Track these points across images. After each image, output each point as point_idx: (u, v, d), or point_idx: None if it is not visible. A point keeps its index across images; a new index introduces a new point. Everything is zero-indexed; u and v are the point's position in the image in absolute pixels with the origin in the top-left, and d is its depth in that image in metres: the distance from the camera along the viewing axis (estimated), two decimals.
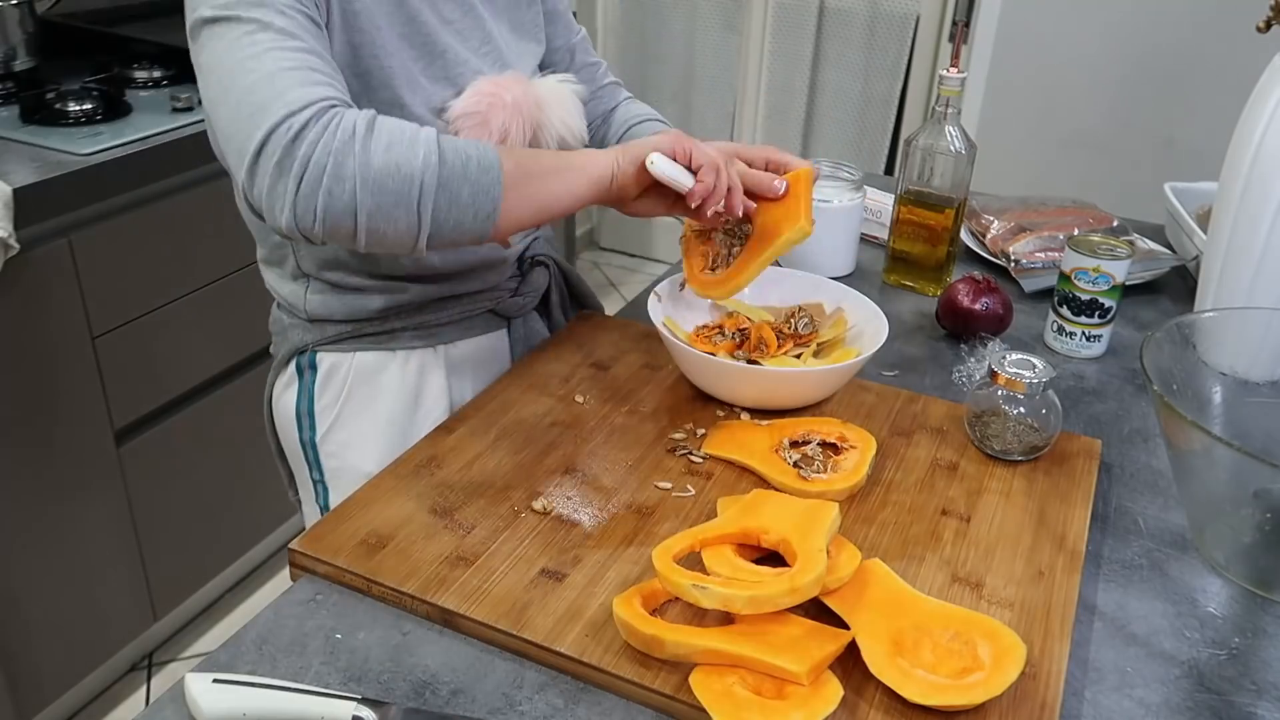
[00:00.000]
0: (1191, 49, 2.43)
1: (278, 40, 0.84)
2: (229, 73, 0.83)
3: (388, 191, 0.82)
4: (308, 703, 0.68)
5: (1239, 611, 0.84)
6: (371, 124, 0.83)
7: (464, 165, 0.85)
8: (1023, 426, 0.96)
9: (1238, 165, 1.07)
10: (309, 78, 0.83)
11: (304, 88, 0.82)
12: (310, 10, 0.89)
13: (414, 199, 0.83)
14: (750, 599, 0.72)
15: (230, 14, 0.85)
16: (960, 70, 1.26)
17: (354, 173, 0.81)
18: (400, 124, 0.85)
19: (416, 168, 0.83)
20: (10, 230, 1.45)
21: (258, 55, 0.82)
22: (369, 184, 0.81)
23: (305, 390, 1.13)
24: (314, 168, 0.80)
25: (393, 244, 0.86)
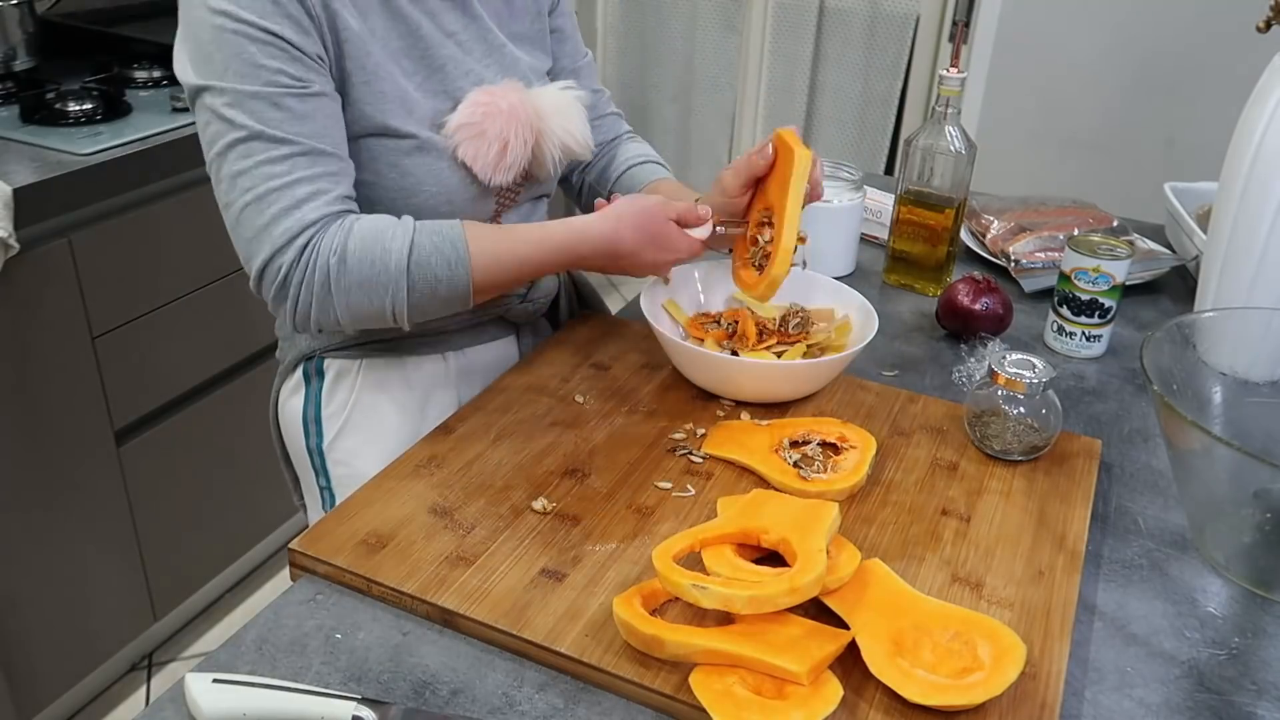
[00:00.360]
0: (1192, 49, 2.43)
1: (267, 149, 0.90)
2: (225, 185, 0.92)
3: (365, 319, 0.96)
4: (308, 703, 0.68)
5: (1239, 611, 0.84)
6: (344, 259, 0.92)
7: (433, 290, 0.95)
8: (1023, 426, 0.96)
9: (1238, 165, 1.07)
10: (294, 195, 0.91)
11: (288, 216, 0.91)
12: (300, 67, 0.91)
13: (389, 319, 0.96)
14: (750, 599, 0.72)
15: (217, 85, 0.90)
16: (960, 70, 1.26)
17: (335, 308, 0.94)
18: (371, 249, 0.92)
19: (386, 304, 0.94)
20: (10, 230, 1.45)
21: (248, 171, 0.90)
22: (349, 316, 0.95)
23: (313, 396, 1.13)
24: (302, 306, 0.94)
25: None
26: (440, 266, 0.94)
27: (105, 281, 1.63)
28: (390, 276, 0.93)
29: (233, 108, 0.90)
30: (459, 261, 0.94)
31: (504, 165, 1.02)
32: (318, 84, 0.93)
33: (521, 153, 1.03)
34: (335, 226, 0.92)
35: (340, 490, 1.13)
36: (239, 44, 0.89)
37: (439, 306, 0.97)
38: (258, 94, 0.90)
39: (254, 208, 0.91)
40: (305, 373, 1.13)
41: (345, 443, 1.12)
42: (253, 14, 0.89)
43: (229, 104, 0.90)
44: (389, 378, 1.12)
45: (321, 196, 0.92)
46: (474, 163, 1.01)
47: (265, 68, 0.90)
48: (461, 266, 0.95)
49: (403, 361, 1.12)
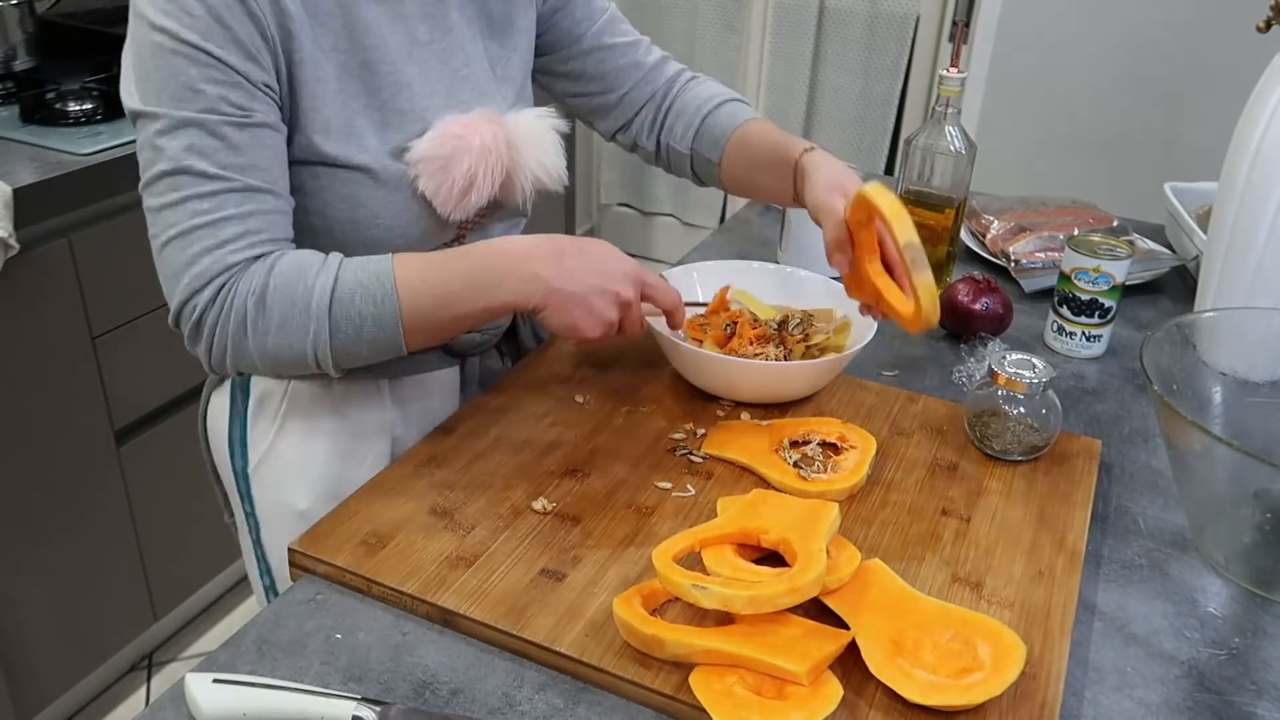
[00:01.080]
0: (1191, 49, 2.43)
1: (197, 184, 0.84)
2: (151, 217, 0.86)
3: (285, 364, 0.88)
4: (308, 703, 0.68)
5: (1239, 611, 0.84)
6: (263, 299, 0.85)
7: (358, 331, 0.86)
8: (1023, 426, 0.96)
9: (1238, 165, 1.07)
10: (218, 235, 0.84)
11: (208, 256, 0.84)
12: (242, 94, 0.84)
13: (312, 364, 0.88)
14: (750, 599, 0.72)
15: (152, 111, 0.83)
16: (960, 70, 1.26)
17: (251, 352, 0.87)
18: (293, 287, 0.85)
19: (307, 346, 0.86)
20: (10, 230, 1.45)
21: (175, 205, 0.84)
22: (267, 359, 0.87)
23: (238, 416, 1.05)
24: (217, 350, 0.87)
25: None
26: (365, 303, 0.85)
27: (105, 281, 1.63)
28: (311, 316, 0.85)
29: (165, 135, 0.83)
30: (386, 297, 0.85)
31: (466, 203, 0.95)
32: (260, 113, 0.85)
33: (488, 190, 0.96)
34: (256, 266, 0.85)
35: (265, 519, 1.06)
36: (178, 65, 0.82)
37: (367, 349, 0.88)
38: (192, 120, 0.83)
39: (176, 244, 0.85)
40: (232, 389, 1.05)
41: (270, 469, 1.04)
42: (196, 35, 0.82)
43: (161, 131, 0.83)
44: (318, 402, 1.03)
45: (249, 238, 0.85)
46: (434, 197, 0.94)
47: (203, 93, 0.83)
48: (389, 302, 0.86)
49: (330, 387, 1.03)
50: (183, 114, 0.83)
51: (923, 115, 2.91)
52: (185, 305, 0.86)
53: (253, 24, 0.84)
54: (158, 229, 0.86)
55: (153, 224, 0.86)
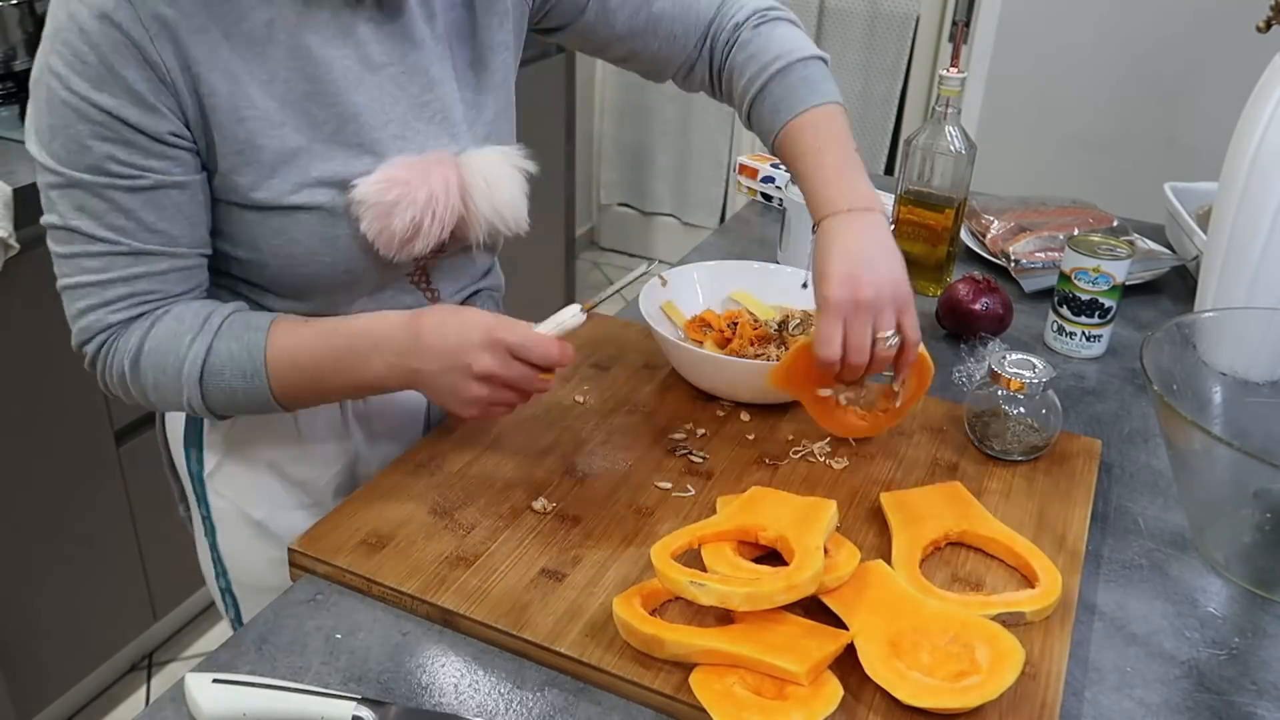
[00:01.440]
0: (1191, 49, 2.43)
1: (85, 244, 0.81)
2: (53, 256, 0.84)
3: (173, 407, 0.88)
4: (308, 703, 0.68)
5: (1239, 611, 0.83)
6: (136, 362, 0.85)
7: (231, 400, 0.86)
8: (1023, 426, 0.96)
9: (1238, 165, 1.07)
10: (104, 295, 0.83)
11: (93, 313, 0.84)
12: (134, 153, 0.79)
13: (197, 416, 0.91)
14: (747, 595, 0.72)
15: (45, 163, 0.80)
16: (960, 70, 1.26)
17: (137, 399, 0.88)
18: (165, 355, 0.84)
19: (183, 404, 0.86)
20: (10, 230, 1.45)
21: (65, 259, 0.83)
22: (155, 404, 0.89)
23: (194, 421, 1.01)
24: (111, 390, 0.89)
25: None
26: (235, 378, 0.84)
27: None
28: (184, 383, 0.84)
29: (56, 189, 0.80)
30: (255, 373, 0.84)
31: (410, 249, 0.89)
32: (155, 172, 0.80)
33: (435, 236, 0.89)
34: (135, 325, 0.84)
35: (221, 524, 1.03)
36: (68, 117, 0.77)
37: (244, 411, 0.88)
38: (80, 182, 0.79)
39: (68, 294, 0.84)
40: None
41: (226, 476, 1.02)
42: (87, 84, 0.76)
43: (53, 185, 0.80)
44: (272, 417, 0.95)
45: (134, 299, 0.84)
46: (376, 240, 0.87)
47: (91, 150, 0.78)
48: (258, 378, 0.84)
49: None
50: (70, 173, 0.79)
51: (923, 115, 2.91)
52: (80, 349, 0.87)
53: (150, 71, 0.78)
54: (56, 271, 0.85)
55: (53, 264, 0.85)
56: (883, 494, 0.90)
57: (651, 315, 1.06)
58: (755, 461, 0.96)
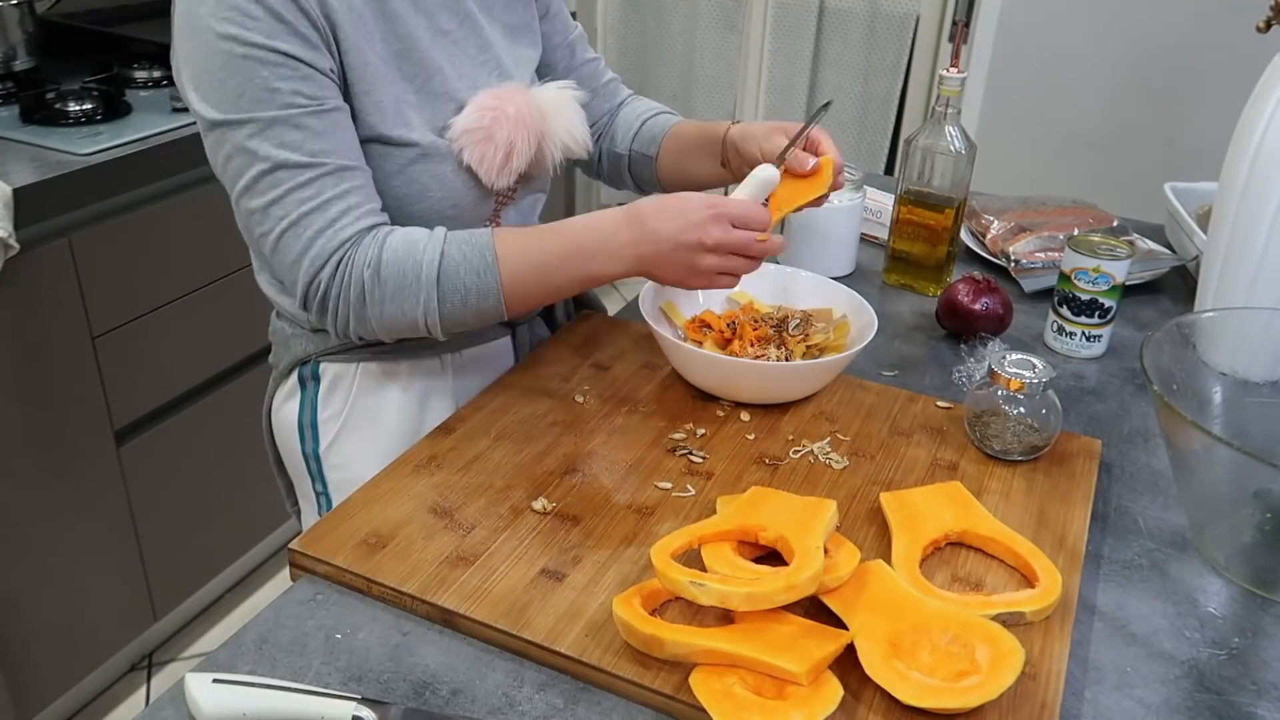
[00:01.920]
0: (1191, 49, 2.43)
1: (294, 176, 0.91)
2: (258, 216, 0.93)
3: (401, 329, 0.98)
4: (308, 703, 0.68)
5: (1239, 611, 0.84)
6: (377, 271, 0.93)
7: (464, 300, 0.95)
8: (1023, 426, 0.96)
9: (1238, 165, 1.07)
10: (327, 215, 0.93)
11: (323, 236, 0.93)
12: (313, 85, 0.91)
13: (423, 330, 0.97)
14: (747, 595, 0.72)
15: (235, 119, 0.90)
16: (960, 70, 1.26)
17: (370, 319, 0.96)
18: (404, 261, 0.94)
19: (419, 315, 0.95)
20: (10, 230, 1.45)
21: (280, 199, 0.92)
22: (385, 328, 0.97)
23: (309, 402, 1.11)
24: (340, 320, 0.97)
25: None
26: (469, 275, 0.94)
27: (105, 281, 1.63)
28: (421, 287, 0.94)
29: (255, 138, 0.90)
30: (487, 269, 0.94)
31: (508, 169, 1.02)
32: (332, 99, 0.93)
33: (526, 156, 1.03)
34: (368, 240, 0.94)
35: (338, 495, 1.12)
36: (251, 69, 0.89)
37: (472, 317, 0.97)
38: (276, 119, 0.90)
39: (291, 233, 0.93)
40: (300, 378, 1.12)
41: (342, 447, 1.11)
42: (261, 35, 0.89)
43: (251, 135, 0.90)
44: (385, 380, 1.11)
45: (353, 212, 0.94)
46: (479, 166, 1.01)
47: (280, 91, 0.90)
48: (490, 274, 0.94)
49: (398, 364, 1.11)
50: (266, 114, 0.90)
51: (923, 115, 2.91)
52: (310, 285, 0.94)
53: (306, 18, 0.90)
54: (268, 224, 0.93)
55: (261, 221, 0.93)
56: (883, 494, 0.90)
57: (651, 315, 1.06)
58: (755, 461, 0.96)
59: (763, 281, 1.16)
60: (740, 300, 1.15)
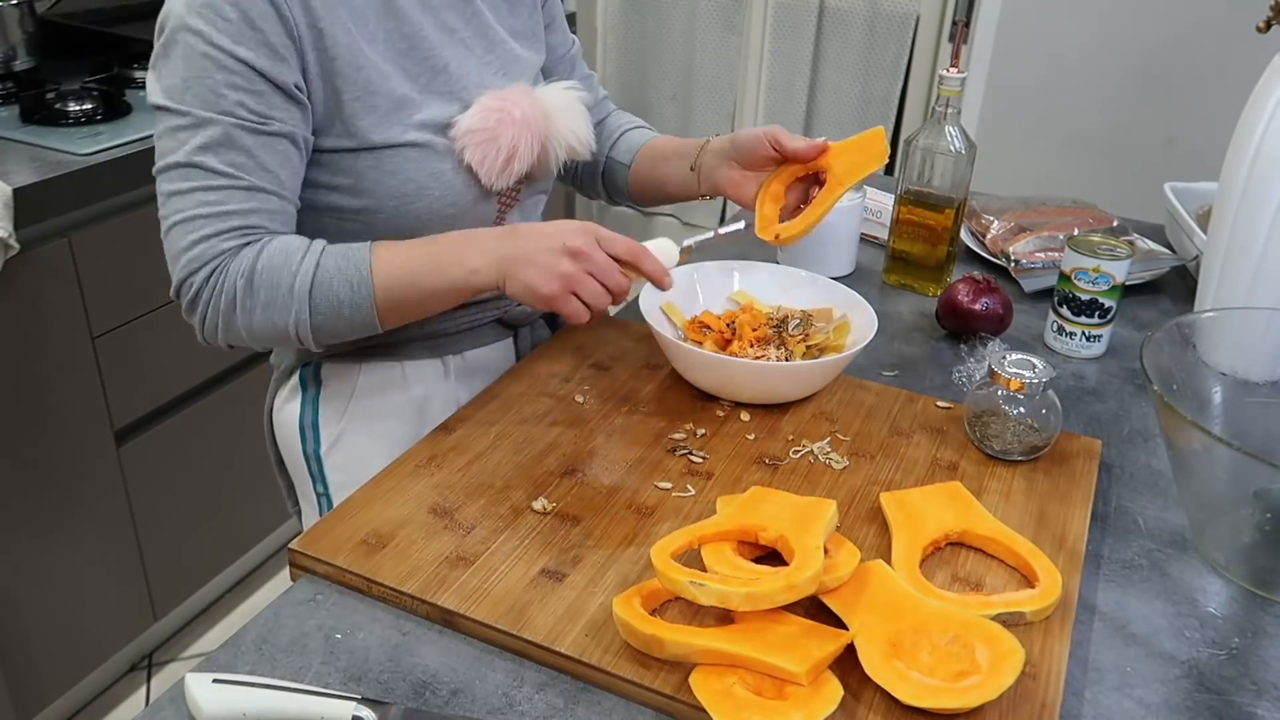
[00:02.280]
0: (1191, 49, 2.43)
1: (206, 178, 0.91)
2: (161, 200, 0.94)
3: (271, 340, 0.96)
4: (308, 703, 0.68)
5: (1239, 611, 0.84)
6: (250, 280, 0.92)
7: (336, 312, 0.94)
8: (1023, 426, 0.96)
9: (1238, 165, 1.07)
10: (220, 225, 0.92)
11: (207, 242, 0.92)
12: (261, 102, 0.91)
13: (294, 341, 0.95)
14: (747, 595, 0.72)
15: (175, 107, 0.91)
16: (960, 70, 1.26)
17: (239, 328, 0.94)
18: (278, 271, 0.92)
19: (289, 326, 0.94)
20: (10, 230, 1.45)
21: (184, 194, 0.92)
22: (254, 334, 0.95)
23: (310, 403, 1.12)
24: (209, 324, 0.95)
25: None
26: (343, 288, 0.93)
27: (105, 281, 1.63)
28: (294, 298, 0.92)
29: (185, 130, 0.90)
30: (362, 282, 0.93)
31: (509, 171, 1.03)
32: (277, 121, 0.92)
33: (529, 159, 1.04)
34: (246, 250, 0.92)
35: (339, 496, 1.12)
36: (205, 68, 0.89)
37: (345, 328, 0.95)
38: (211, 121, 0.90)
39: (181, 229, 0.92)
40: (302, 379, 1.12)
41: (344, 448, 1.11)
42: (227, 39, 0.89)
43: (181, 127, 0.90)
44: (387, 382, 1.11)
45: (248, 230, 0.93)
46: (479, 167, 1.01)
47: (225, 98, 0.90)
48: (364, 287, 0.93)
49: (401, 365, 1.11)
50: (203, 114, 0.90)
51: (923, 115, 2.91)
52: (183, 284, 0.94)
53: (282, 26, 0.90)
54: (166, 210, 0.93)
55: (162, 205, 0.93)
56: (883, 494, 0.90)
57: (651, 315, 1.06)
58: (755, 461, 0.96)
59: (762, 281, 1.16)
60: (740, 300, 1.15)
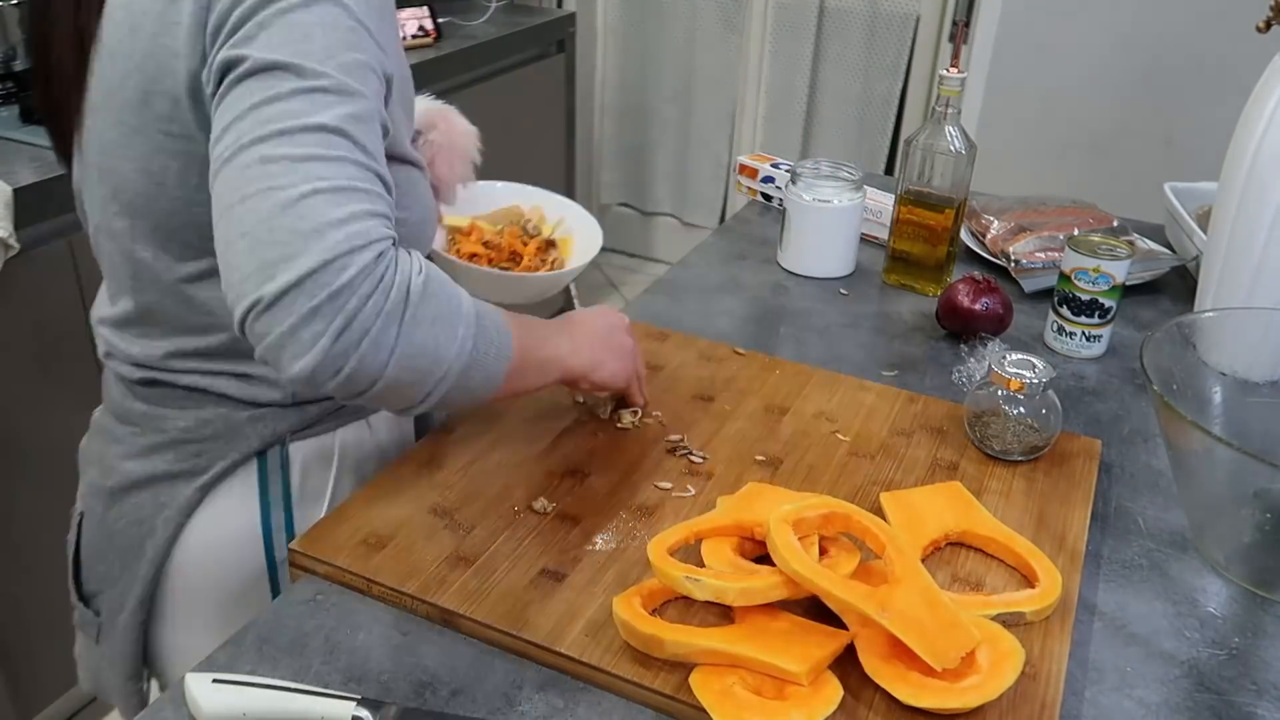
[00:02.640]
0: (1191, 49, 2.43)
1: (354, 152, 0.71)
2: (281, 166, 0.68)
3: (416, 370, 0.73)
4: (308, 703, 0.68)
5: (1239, 611, 0.84)
6: (426, 285, 0.72)
7: (487, 350, 0.77)
8: (1023, 426, 0.96)
9: (1238, 165, 1.07)
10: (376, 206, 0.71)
11: (371, 219, 0.70)
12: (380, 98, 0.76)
13: (435, 379, 0.74)
14: (742, 590, 0.72)
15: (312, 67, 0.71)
16: (960, 70, 1.26)
17: (392, 341, 0.70)
18: (447, 287, 0.75)
19: (452, 352, 0.74)
20: (10, 230, 1.45)
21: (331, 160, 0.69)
22: (404, 358, 0.71)
23: (278, 497, 0.92)
24: (357, 328, 0.68)
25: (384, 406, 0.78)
26: (491, 327, 0.78)
27: None
28: (462, 319, 0.75)
29: (326, 94, 0.70)
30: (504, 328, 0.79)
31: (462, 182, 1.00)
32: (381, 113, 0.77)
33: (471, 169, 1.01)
34: (407, 253, 0.74)
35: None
36: (350, 42, 0.72)
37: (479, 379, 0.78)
38: (359, 93, 0.72)
39: (328, 197, 0.68)
40: (262, 474, 0.91)
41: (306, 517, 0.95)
42: (372, 18, 0.75)
43: (320, 89, 0.70)
44: (363, 444, 0.98)
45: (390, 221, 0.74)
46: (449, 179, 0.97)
47: (369, 78, 0.74)
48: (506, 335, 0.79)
49: (369, 423, 0.99)
50: (351, 83, 0.72)
51: (923, 115, 2.91)
52: (330, 265, 0.67)
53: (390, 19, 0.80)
54: (295, 177, 0.68)
55: (286, 173, 0.68)
56: (883, 494, 0.90)
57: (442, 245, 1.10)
58: (755, 461, 0.96)
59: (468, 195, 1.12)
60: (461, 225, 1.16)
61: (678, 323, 1.23)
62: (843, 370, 1.13)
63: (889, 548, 0.77)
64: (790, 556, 0.73)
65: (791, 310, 1.29)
